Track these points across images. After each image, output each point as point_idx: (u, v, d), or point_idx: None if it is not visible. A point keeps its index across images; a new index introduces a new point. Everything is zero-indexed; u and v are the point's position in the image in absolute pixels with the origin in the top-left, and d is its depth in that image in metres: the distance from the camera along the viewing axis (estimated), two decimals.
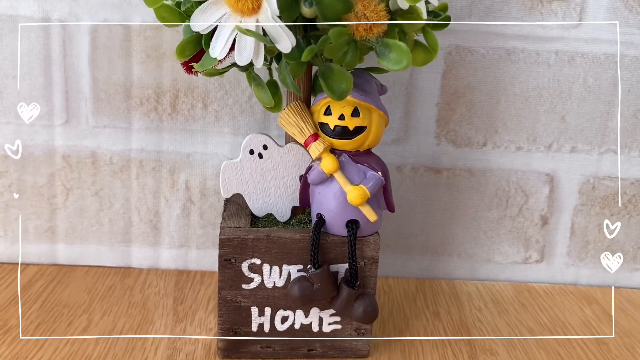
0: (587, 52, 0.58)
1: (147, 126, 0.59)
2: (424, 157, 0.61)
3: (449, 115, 0.60)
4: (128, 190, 0.60)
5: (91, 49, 0.57)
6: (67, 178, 0.60)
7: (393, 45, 0.39)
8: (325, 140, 0.45)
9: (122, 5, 0.56)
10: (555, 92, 0.59)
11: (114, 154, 0.59)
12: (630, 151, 0.61)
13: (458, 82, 0.59)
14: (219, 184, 0.60)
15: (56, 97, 0.57)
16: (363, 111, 0.45)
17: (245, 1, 0.38)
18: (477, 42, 0.58)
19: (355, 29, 0.39)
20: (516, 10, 0.58)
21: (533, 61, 0.59)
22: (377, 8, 0.38)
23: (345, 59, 0.40)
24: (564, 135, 0.60)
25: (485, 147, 0.61)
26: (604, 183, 0.62)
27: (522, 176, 0.61)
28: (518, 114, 0.60)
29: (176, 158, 0.60)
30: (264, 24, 0.39)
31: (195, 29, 0.41)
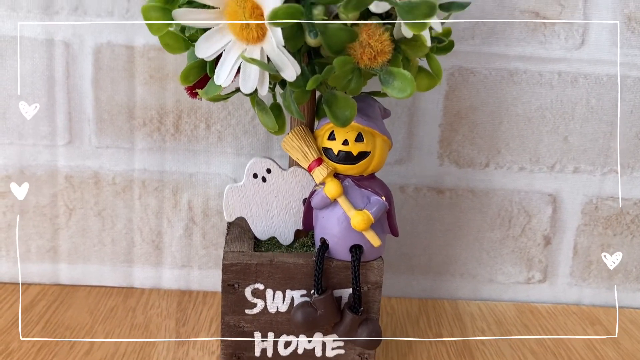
0: (589, 73, 0.59)
1: (150, 146, 0.59)
2: (427, 177, 0.61)
3: (452, 136, 0.60)
4: (130, 211, 0.60)
5: (94, 70, 0.57)
6: (70, 198, 0.60)
7: (397, 74, 0.39)
8: (329, 165, 0.45)
9: (125, 27, 0.56)
10: (558, 112, 0.59)
11: (117, 174, 0.59)
12: (633, 172, 0.61)
13: (461, 103, 0.59)
14: (221, 204, 0.60)
15: (59, 117, 0.57)
16: (367, 136, 0.45)
17: (250, 30, 0.39)
18: (480, 64, 0.58)
19: (359, 58, 0.39)
20: (519, 31, 0.58)
21: (536, 82, 0.59)
22: (381, 37, 0.38)
23: (349, 86, 0.40)
24: (567, 156, 0.60)
25: (488, 167, 0.61)
26: (606, 203, 0.62)
27: (524, 196, 0.61)
28: (521, 135, 0.60)
29: (179, 178, 0.60)
30: (269, 52, 0.39)
31: (200, 56, 0.41)
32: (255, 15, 0.38)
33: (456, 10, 0.44)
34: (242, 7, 0.38)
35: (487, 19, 0.57)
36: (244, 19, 0.38)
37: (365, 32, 0.38)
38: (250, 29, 0.38)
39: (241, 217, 0.49)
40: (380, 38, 0.38)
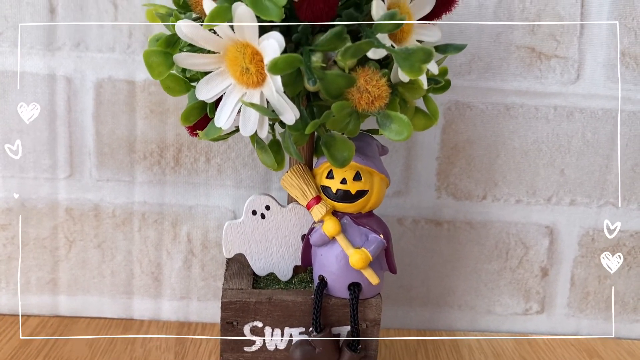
0: (585, 108, 0.59)
1: (150, 179, 0.59)
2: (425, 209, 0.61)
3: (449, 169, 0.60)
4: (130, 243, 0.60)
5: (95, 105, 0.57)
6: (70, 230, 0.60)
7: (394, 117, 0.40)
8: (327, 203, 0.46)
9: (126, 62, 0.57)
10: (554, 146, 0.60)
11: (117, 206, 0.60)
12: (629, 204, 0.62)
13: (458, 136, 0.60)
14: (220, 236, 0.60)
15: (60, 151, 0.58)
16: (365, 175, 0.45)
17: (250, 75, 0.39)
18: (477, 98, 0.59)
19: (357, 102, 0.39)
20: (515, 66, 0.58)
21: (532, 116, 0.59)
22: (378, 83, 0.39)
23: (347, 128, 0.41)
24: (563, 189, 0.61)
25: (485, 200, 0.61)
26: (603, 235, 0.62)
27: (522, 228, 0.62)
28: (517, 168, 0.60)
29: (178, 211, 0.60)
30: (268, 96, 0.39)
31: (201, 98, 0.42)
32: (255, 61, 0.39)
33: (452, 52, 0.44)
34: (242, 53, 0.39)
35: (483, 54, 0.58)
36: (244, 64, 0.39)
37: (362, 77, 0.39)
38: (250, 73, 0.39)
39: (240, 252, 0.49)
40: (378, 83, 0.39)
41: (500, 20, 0.57)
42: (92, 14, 0.56)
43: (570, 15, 0.58)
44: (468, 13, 0.57)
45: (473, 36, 0.58)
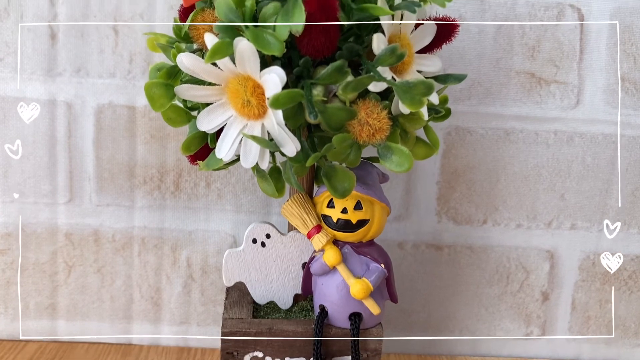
0: (585, 133, 0.59)
1: (150, 204, 0.59)
2: (425, 234, 0.61)
3: (450, 194, 0.60)
4: (130, 268, 0.60)
5: (96, 130, 0.57)
6: (69, 255, 0.60)
7: (395, 149, 0.40)
8: (328, 233, 0.46)
9: (126, 87, 0.57)
10: (555, 170, 0.60)
11: (117, 231, 0.59)
12: (629, 228, 0.62)
13: (458, 161, 0.60)
14: (220, 261, 0.60)
15: (60, 176, 0.58)
16: (365, 204, 0.45)
17: (251, 107, 0.39)
18: (477, 123, 0.59)
19: (358, 135, 0.39)
20: (514, 92, 0.59)
21: (532, 141, 0.59)
22: (379, 116, 0.39)
23: (348, 158, 0.41)
24: (564, 213, 0.61)
25: (486, 224, 0.61)
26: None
27: (522, 253, 0.62)
28: (518, 192, 0.60)
29: (178, 235, 0.60)
30: (270, 128, 0.39)
31: (202, 129, 0.42)
32: (257, 94, 0.39)
33: (453, 83, 0.44)
34: (244, 85, 0.39)
35: (483, 80, 0.58)
36: (245, 97, 0.39)
37: (363, 110, 0.39)
38: (252, 106, 0.39)
39: (240, 281, 0.49)
40: (379, 116, 0.39)
41: (501, 46, 0.58)
42: (93, 39, 0.56)
43: (570, 40, 0.58)
44: (468, 39, 0.57)
45: (473, 62, 0.58)
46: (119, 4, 0.55)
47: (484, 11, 0.57)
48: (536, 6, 0.57)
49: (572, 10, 0.58)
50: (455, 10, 0.57)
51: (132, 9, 0.56)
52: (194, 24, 0.40)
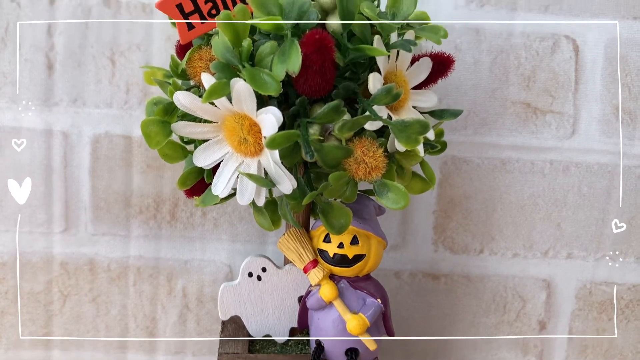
0: (580, 162, 0.60)
1: (146, 234, 0.59)
2: (422, 263, 0.61)
3: (446, 223, 0.60)
4: (125, 297, 0.60)
5: (92, 160, 0.57)
6: (65, 285, 0.59)
7: (391, 186, 0.40)
8: (324, 267, 0.45)
9: (123, 117, 0.57)
10: (551, 200, 0.60)
11: (112, 261, 0.59)
12: (625, 257, 0.62)
13: (454, 190, 0.60)
14: (216, 291, 0.60)
15: (56, 205, 0.58)
16: (362, 239, 0.45)
17: (247, 145, 0.39)
18: (473, 153, 0.59)
19: (354, 172, 0.39)
20: (510, 122, 0.59)
21: (528, 170, 0.60)
22: (375, 154, 0.39)
23: (344, 195, 0.41)
24: (560, 242, 0.61)
25: (483, 253, 0.61)
26: (600, 288, 0.62)
27: (519, 282, 0.62)
28: (514, 222, 0.60)
29: (174, 265, 0.60)
30: (266, 166, 0.39)
31: (198, 164, 0.42)
32: (253, 132, 0.39)
33: (449, 118, 0.45)
34: (240, 124, 0.39)
35: (479, 110, 0.58)
36: (242, 135, 0.39)
37: (360, 148, 0.39)
38: (248, 144, 0.39)
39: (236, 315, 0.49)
40: (375, 155, 0.39)
41: (496, 77, 0.58)
42: (90, 69, 0.56)
43: (565, 71, 0.58)
44: (464, 69, 0.58)
45: (469, 92, 0.58)
46: (116, 35, 0.56)
47: (480, 42, 0.58)
48: (531, 37, 0.58)
49: (567, 41, 0.58)
50: (451, 42, 0.57)
51: (129, 39, 0.56)
52: (192, 61, 0.40)
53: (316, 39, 0.35)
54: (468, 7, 0.57)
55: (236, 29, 0.37)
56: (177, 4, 0.40)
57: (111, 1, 0.55)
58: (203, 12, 0.40)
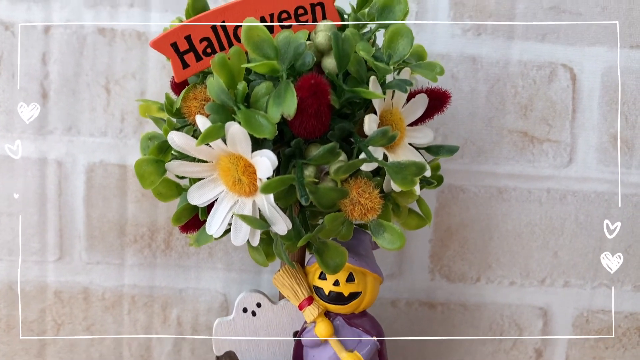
0: (577, 191, 0.59)
1: (140, 262, 0.58)
2: (419, 291, 0.61)
3: (443, 251, 0.60)
4: (120, 326, 0.59)
5: (86, 188, 0.57)
6: (59, 313, 0.59)
7: (387, 227, 0.39)
8: (319, 305, 0.45)
9: (118, 146, 0.56)
10: (548, 228, 0.60)
11: (106, 289, 0.59)
12: (622, 285, 0.61)
13: (451, 219, 0.59)
14: (210, 320, 0.59)
15: (50, 234, 0.57)
16: (358, 276, 0.45)
17: (242, 185, 0.39)
18: (469, 181, 0.59)
19: (350, 213, 0.39)
20: (507, 150, 0.59)
21: (525, 199, 0.59)
22: (371, 195, 0.39)
23: (340, 234, 0.41)
24: (557, 270, 0.61)
25: (479, 282, 0.61)
26: (597, 316, 0.62)
27: (515, 310, 0.61)
28: (511, 250, 0.60)
29: (169, 293, 0.59)
30: (261, 206, 0.39)
31: (193, 203, 0.41)
32: (248, 172, 0.39)
33: (445, 155, 0.44)
34: (235, 164, 0.39)
35: (475, 139, 0.58)
36: (237, 175, 0.39)
37: (355, 189, 0.39)
38: (243, 184, 0.39)
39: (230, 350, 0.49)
40: (371, 196, 0.39)
41: (493, 105, 0.58)
42: (85, 98, 0.56)
43: (562, 99, 0.58)
44: (460, 98, 0.58)
45: (465, 121, 0.58)
46: (110, 63, 0.55)
47: (477, 71, 0.57)
48: (528, 65, 0.58)
49: (565, 70, 0.58)
50: (447, 70, 0.57)
51: (124, 68, 0.55)
52: (187, 100, 0.40)
53: (311, 84, 0.35)
54: (465, 36, 0.57)
55: (231, 71, 0.37)
56: (172, 42, 0.39)
57: (106, 30, 0.55)
58: (198, 50, 0.40)
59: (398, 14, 0.41)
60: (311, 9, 0.40)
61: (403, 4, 0.41)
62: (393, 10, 0.41)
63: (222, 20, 0.39)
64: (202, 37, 0.40)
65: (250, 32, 0.37)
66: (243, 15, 0.40)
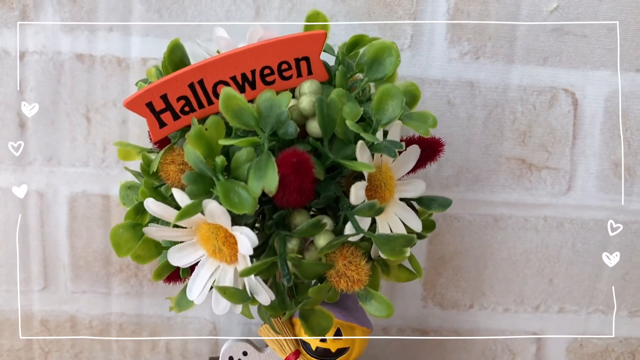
0: (575, 218, 0.58)
1: (127, 291, 0.57)
2: (411, 319, 0.60)
3: (436, 279, 0.59)
4: (108, 353, 0.59)
5: (69, 219, 0.55)
6: (45, 342, 0.58)
7: (375, 295, 0.38)
8: (306, 359, 0.44)
9: (100, 176, 0.54)
10: (544, 256, 0.58)
11: (94, 318, 0.58)
12: (618, 311, 0.60)
13: (444, 247, 0.58)
14: (200, 347, 0.59)
15: (34, 264, 0.56)
16: (346, 331, 0.44)
17: (222, 254, 0.37)
18: (464, 209, 0.57)
19: (336, 284, 0.37)
20: (504, 178, 0.57)
21: (521, 227, 0.58)
22: (358, 267, 0.37)
23: (326, 297, 0.39)
24: (552, 297, 0.60)
25: (472, 309, 0.60)
26: (592, 342, 0.61)
27: (509, 336, 0.61)
28: (505, 278, 0.59)
29: (157, 321, 0.58)
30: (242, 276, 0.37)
31: (173, 264, 0.40)
32: (228, 243, 0.37)
33: (437, 210, 0.42)
34: (215, 234, 0.37)
35: (472, 166, 0.56)
36: (217, 245, 0.37)
37: (341, 260, 0.37)
38: (223, 253, 0.37)
39: None
40: (357, 268, 0.37)
41: (490, 132, 0.55)
42: (64, 127, 0.53)
43: (563, 125, 0.56)
44: (456, 125, 0.55)
45: (461, 148, 0.56)
46: (90, 91, 0.53)
47: (474, 96, 0.55)
48: (528, 91, 0.55)
49: (566, 95, 0.55)
50: (444, 96, 0.55)
51: (105, 95, 0.53)
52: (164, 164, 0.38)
53: (293, 162, 0.33)
54: (462, 60, 0.54)
55: (209, 142, 0.35)
56: (147, 102, 0.37)
57: (84, 56, 0.52)
58: (175, 109, 0.38)
59: (388, 67, 0.38)
60: (295, 64, 0.38)
61: (394, 56, 0.38)
62: (383, 63, 0.38)
63: (201, 78, 0.37)
64: (179, 95, 0.37)
65: (229, 102, 0.34)
66: (223, 72, 0.37)
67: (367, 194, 0.38)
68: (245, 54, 0.37)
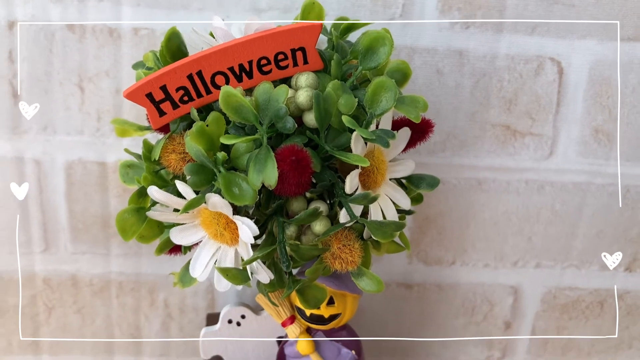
0: (556, 182, 0.60)
1: (126, 252, 0.60)
2: (396, 274, 0.63)
3: (420, 238, 0.62)
4: (109, 308, 0.62)
5: (67, 185, 0.57)
6: (49, 298, 0.61)
7: (367, 273, 0.41)
8: (301, 323, 0.47)
9: (96, 144, 0.55)
10: (524, 216, 0.62)
11: (94, 276, 0.60)
12: (590, 266, 0.64)
13: (430, 208, 0.61)
14: (197, 302, 0.62)
15: (34, 228, 0.58)
16: (338, 299, 0.47)
17: (224, 237, 0.39)
18: (450, 174, 0.59)
19: (331, 265, 0.40)
20: (489, 144, 0.59)
21: (503, 190, 0.60)
22: (352, 250, 0.39)
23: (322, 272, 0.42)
24: (530, 254, 0.63)
25: (454, 265, 0.63)
26: (564, 293, 0.65)
27: (488, 289, 0.65)
28: (487, 237, 0.62)
29: (155, 279, 0.61)
30: (243, 255, 0.40)
31: (176, 242, 0.42)
32: (230, 228, 0.39)
33: (425, 189, 0.45)
34: (217, 220, 0.39)
35: (458, 133, 0.58)
36: (218, 229, 0.39)
37: (336, 243, 0.39)
38: (225, 237, 0.39)
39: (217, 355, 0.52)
40: (351, 251, 0.39)
41: (477, 100, 0.57)
42: (58, 97, 0.54)
43: (548, 93, 0.57)
44: (444, 93, 0.57)
45: (449, 115, 0.57)
46: (82, 61, 0.53)
47: (463, 65, 0.56)
48: (516, 59, 0.56)
49: (552, 64, 0.56)
50: (433, 65, 0.56)
51: (97, 65, 0.53)
52: (166, 152, 0.39)
53: (292, 160, 0.35)
54: (452, 29, 0.55)
55: (210, 138, 0.36)
56: (147, 92, 0.38)
57: (75, 26, 0.52)
58: (175, 99, 0.38)
59: (382, 57, 0.39)
60: (292, 54, 0.39)
61: (388, 45, 0.39)
62: (377, 52, 0.39)
63: (199, 70, 0.38)
64: (178, 86, 0.38)
65: (228, 99, 0.35)
66: (221, 63, 0.38)
67: (360, 179, 0.40)
68: (243, 45, 0.38)
